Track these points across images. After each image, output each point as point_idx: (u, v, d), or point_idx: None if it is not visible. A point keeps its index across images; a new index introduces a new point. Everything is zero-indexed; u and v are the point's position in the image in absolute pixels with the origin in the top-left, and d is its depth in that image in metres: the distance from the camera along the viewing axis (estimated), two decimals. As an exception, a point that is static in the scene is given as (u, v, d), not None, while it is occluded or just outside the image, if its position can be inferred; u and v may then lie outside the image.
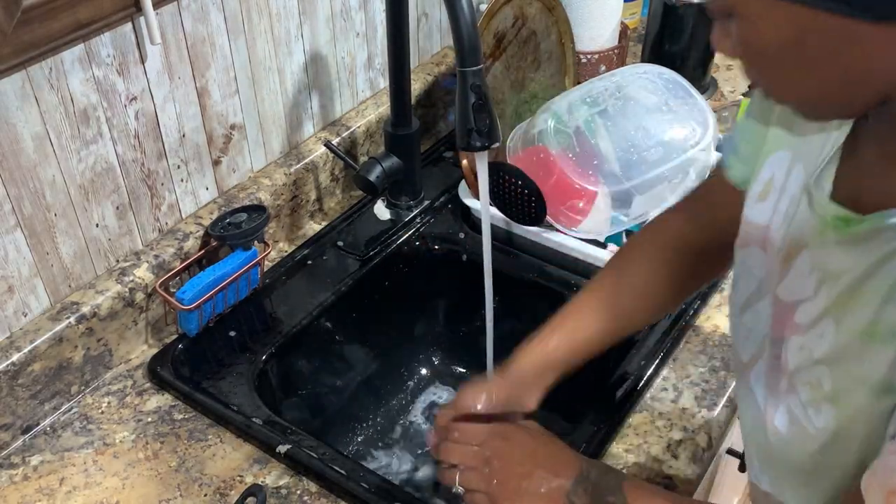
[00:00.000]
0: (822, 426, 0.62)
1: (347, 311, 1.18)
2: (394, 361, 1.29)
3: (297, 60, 1.19)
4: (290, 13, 1.14)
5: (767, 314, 0.69)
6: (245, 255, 1.10)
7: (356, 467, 0.93)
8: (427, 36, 1.44)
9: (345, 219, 1.27)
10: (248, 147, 1.17)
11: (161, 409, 1.00)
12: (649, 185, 1.13)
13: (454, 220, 1.28)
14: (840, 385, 0.60)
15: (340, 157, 1.22)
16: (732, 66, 1.60)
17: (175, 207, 1.10)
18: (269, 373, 1.06)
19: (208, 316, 1.08)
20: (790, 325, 0.65)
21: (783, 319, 0.66)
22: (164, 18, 0.98)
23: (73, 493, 0.92)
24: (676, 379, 1.02)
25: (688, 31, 1.42)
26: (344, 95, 1.30)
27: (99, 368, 1.03)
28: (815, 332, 0.62)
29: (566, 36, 1.36)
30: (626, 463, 0.93)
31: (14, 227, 0.92)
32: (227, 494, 0.91)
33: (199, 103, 1.07)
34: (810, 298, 0.63)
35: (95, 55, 0.92)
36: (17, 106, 0.87)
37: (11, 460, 0.95)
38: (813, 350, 0.62)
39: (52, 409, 1.00)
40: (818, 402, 0.62)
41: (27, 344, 0.95)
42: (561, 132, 1.16)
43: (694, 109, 1.18)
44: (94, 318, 1.00)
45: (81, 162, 0.96)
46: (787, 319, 0.66)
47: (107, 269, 1.04)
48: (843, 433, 0.61)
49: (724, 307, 1.10)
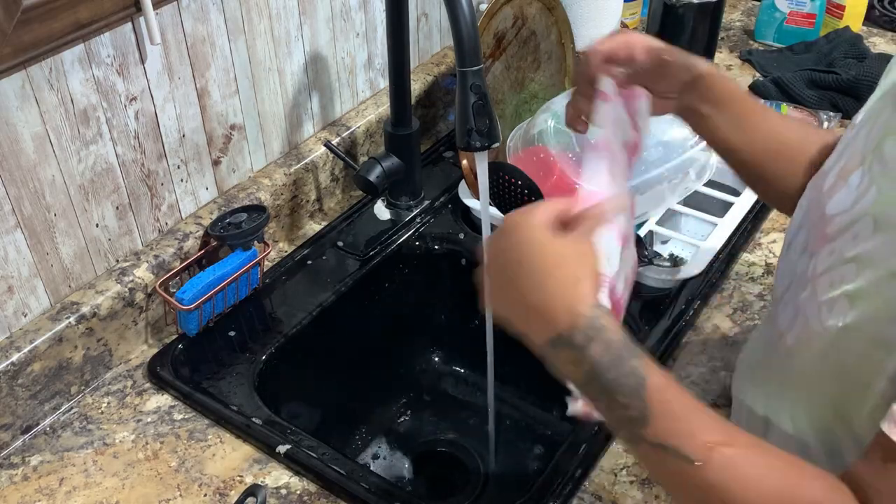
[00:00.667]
0: (831, 324, 0.63)
1: (347, 311, 1.18)
2: (394, 361, 1.29)
3: (297, 60, 1.19)
4: (290, 13, 1.14)
5: (803, 242, 0.72)
6: (245, 255, 1.10)
7: (356, 467, 0.93)
8: (427, 36, 1.44)
9: (345, 219, 1.27)
10: (248, 147, 1.17)
11: (161, 409, 1.00)
12: (649, 185, 1.13)
13: (454, 220, 1.28)
14: (866, 281, 0.61)
15: (340, 157, 1.22)
16: (732, 67, 1.60)
17: (175, 207, 1.10)
18: (269, 373, 1.06)
19: (208, 316, 1.08)
20: (823, 237, 0.67)
21: (820, 233, 0.68)
22: (164, 18, 0.98)
23: (72, 493, 0.92)
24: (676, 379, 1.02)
25: (688, 31, 1.42)
26: (344, 95, 1.30)
27: (99, 368, 1.03)
28: (849, 234, 0.64)
29: (566, 36, 1.36)
30: (626, 463, 0.93)
31: (14, 227, 0.92)
32: (227, 494, 0.91)
33: (199, 103, 1.07)
34: (849, 210, 0.65)
35: (95, 55, 0.92)
36: (17, 106, 0.87)
37: (11, 460, 0.95)
38: (844, 251, 0.64)
39: (52, 409, 1.00)
40: (834, 300, 0.63)
41: (27, 344, 0.95)
42: (561, 132, 1.16)
43: (694, 109, 1.18)
44: (94, 318, 1.00)
45: (81, 162, 0.96)
46: (822, 233, 0.68)
47: (107, 269, 1.04)
48: (853, 334, 0.62)
49: (725, 307, 1.11)
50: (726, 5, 1.52)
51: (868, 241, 0.63)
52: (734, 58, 1.62)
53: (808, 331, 0.67)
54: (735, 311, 1.10)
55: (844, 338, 0.64)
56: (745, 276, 1.15)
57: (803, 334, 0.68)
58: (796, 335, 0.70)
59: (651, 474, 0.88)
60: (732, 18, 1.74)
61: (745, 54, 1.62)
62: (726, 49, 1.64)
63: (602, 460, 0.93)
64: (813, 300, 0.67)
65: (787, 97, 1.48)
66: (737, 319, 1.09)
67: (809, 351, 0.68)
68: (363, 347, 1.24)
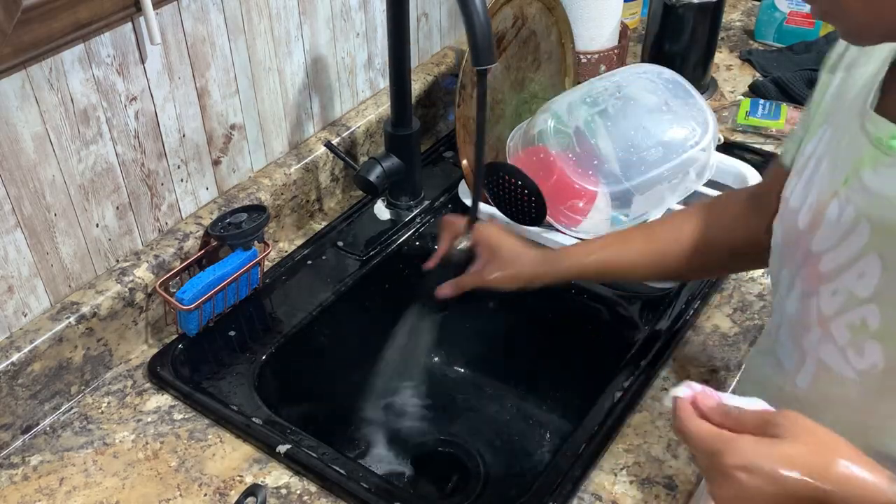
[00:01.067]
0: (867, 367, 0.62)
1: (347, 311, 1.18)
2: (393, 361, 1.29)
3: (297, 60, 1.19)
4: (290, 13, 1.14)
5: (787, 281, 0.71)
6: (245, 255, 1.10)
7: (356, 467, 0.93)
8: (427, 36, 1.44)
9: (345, 219, 1.27)
10: (248, 147, 1.17)
11: (161, 409, 1.01)
12: (649, 185, 1.13)
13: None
14: (891, 319, 0.60)
15: (340, 157, 1.22)
16: (732, 67, 1.60)
17: (175, 207, 1.10)
18: (269, 373, 1.06)
19: (208, 316, 1.08)
20: (815, 276, 0.66)
21: (811, 272, 0.67)
22: (164, 18, 0.98)
23: (72, 493, 0.92)
24: (676, 379, 1.02)
25: (688, 31, 1.42)
26: (344, 95, 1.30)
27: (99, 368, 1.03)
28: (852, 273, 0.63)
29: (566, 36, 1.36)
30: (627, 463, 0.93)
31: (14, 227, 0.92)
32: (227, 494, 0.91)
33: (199, 103, 1.07)
34: (837, 245, 0.64)
35: (95, 55, 0.92)
36: (17, 106, 0.87)
37: (11, 460, 0.95)
38: (855, 291, 0.63)
39: (52, 409, 1.00)
40: (861, 343, 0.62)
41: (27, 344, 0.95)
42: (561, 132, 1.16)
43: (694, 109, 1.18)
44: (94, 318, 1.00)
45: (81, 162, 0.96)
46: (814, 271, 0.67)
47: (107, 269, 1.04)
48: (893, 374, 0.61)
49: (725, 307, 1.11)
50: (726, 5, 1.52)
51: (882, 280, 0.61)
52: (734, 58, 1.62)
53: (832, 378, 0.65)
54: (735, 310, 1.10)
55: (887, 378, 0.62)
56: (745, 276, 1.15)
57: (826, 383, 0.65)
58: (814, 384, 0.66)
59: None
60: (732, 18, 1.74)
61: (745, 54, 1.62)
62: (726, 49, 1.64)
63: (602, 460, 0.93)
64: (830, 345, 0.65)
65: (787, 97, 1.48)
66: (737, 319, 1.09)
67: (842, 398, 0.65)
68: (363, 347, 1.24)
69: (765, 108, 1.43)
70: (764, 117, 1.41)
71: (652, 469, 0.92)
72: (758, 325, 1.07)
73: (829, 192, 0.67)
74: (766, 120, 1.41)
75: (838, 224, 0.65)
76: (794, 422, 0.57)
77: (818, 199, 0.68)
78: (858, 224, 0.63)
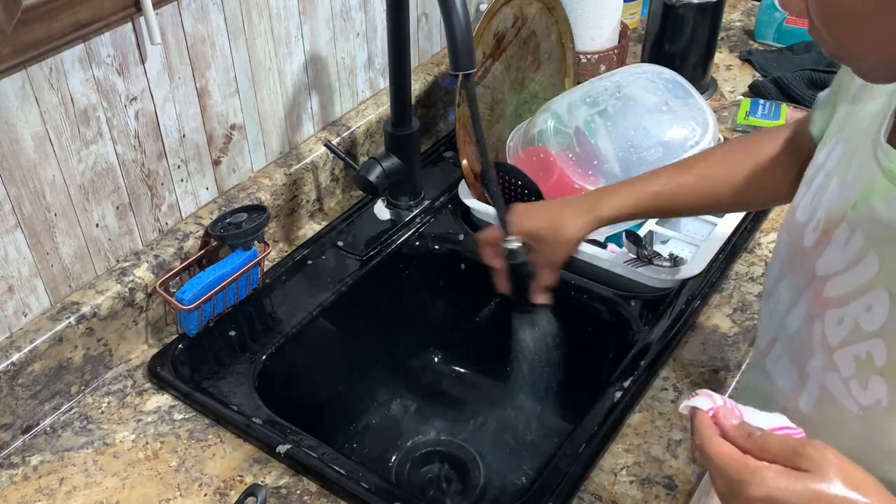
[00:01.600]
0: (871, 403, 0.61)
1: (347, 311, 1.18)
2: (394, 361, 1.29)
3: (297, 60, 1.19)
4: (290, 13, 1.14)
5: (787, 296, 0.70)
6: (245, 255, 1.10)
7: (356, 467, 0.93)
8: (427, 36, 1.44)
9: (345, 219, 1.27)
10: (248, 147, 1.17)
11: (161, 409, 1.01)
12: (649, 185, 1.13)
13: (454, 220, 1.28)
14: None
15: (340, 157, 1.22)
16: (732, 67, 1.60)
17: (175, 207, 1.10)
18: (269, 373, 1.06)
19: (208, 316, 1.08)
20: (821, 300, 0.66)
21: (817, 295, 0.67)
22: (164, 18, 0.98)
23: (73, 493, 0.92)
24: (676, 379, 1.02)
25: (688, 31, 1.42)
26: (344, 95, 1.30)
27: (99, 368, 1.03)
28: (860, 304, 0.62)
29: (566, 36, 1.36)
30: (626, 463, 0.93)
31: (14, 227, 0.92)
32: (227, 494, 0.91)
33: (199, 103, 1.07)
34: (845, 271, 0.64)
35: (95, 55, 0.92)
36: (17, 106, 0.87)
37: (11, 460, 0.95)
38: (861, 323, 0.62)
39: (52, 409, 1.00)
40: (865, 378, 0.61)
41: (27, 344, 0.95)
42: (561, 132, 1.16)
43: (694, 109, 1.18)
44: (94, 318, 1.00)
45: (81, 162, 0.96)
46: (818, 295, 0.66)
47: (107, 269, 1.04)
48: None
49: (724, 307, 1.11)
50: (726, 5, 1.52)
51: (890, 316, 0.61)
52: (734, 58, 1.62)
53: (836, 408, 0.64)
54: (735, 310, 1.10)
55: (890, 416, 0.62)
56: (744, 276, 1.15)
57: (830, 411, 0.65)
58: (817, 409, 0.65)
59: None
60: (732, 18, 1.74)
61: (744, 54, 1.62)
62: (726, 49, 1.64)
63: (602, 460, 0.93)
64: (834, 374, 0.64)
65: (786, 97, 1.48)
66: (737, 319, 1.09)
67: (844, 429, 0.64)
68: (363, 347, 1.24)
69: (765, 108, 1.43)
70: (764, 117, 1.41)
71: (652, 469, 0.92)
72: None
73: (838, 214, 0.66)
74: (766, 120, 1.41)
75: (846, 249, 0.64)
76: (823, 455, 0.55)
77: (826, 218, 0.68)
78: (866, 254, 0.63)
